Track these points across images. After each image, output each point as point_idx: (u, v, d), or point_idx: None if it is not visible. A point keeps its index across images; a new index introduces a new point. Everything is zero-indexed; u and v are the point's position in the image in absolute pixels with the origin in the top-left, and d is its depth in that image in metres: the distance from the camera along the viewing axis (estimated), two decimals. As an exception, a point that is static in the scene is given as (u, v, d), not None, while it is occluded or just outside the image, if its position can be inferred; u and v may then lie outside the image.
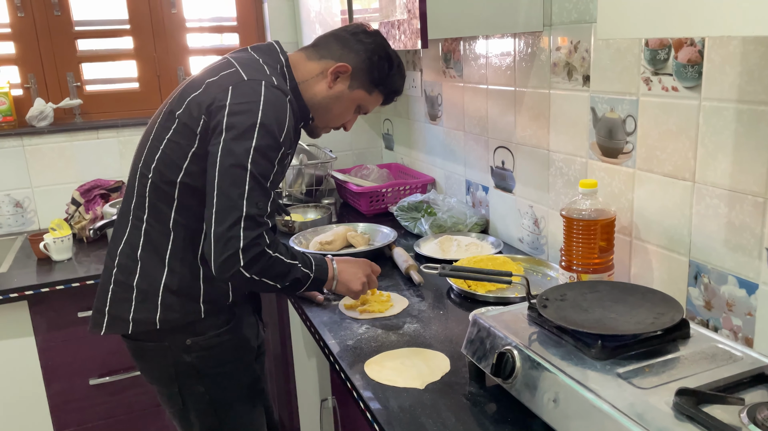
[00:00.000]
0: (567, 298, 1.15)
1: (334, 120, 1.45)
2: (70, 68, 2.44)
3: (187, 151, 1.24)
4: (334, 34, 1.42)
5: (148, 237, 1.29)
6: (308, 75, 1.38)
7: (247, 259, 1.15)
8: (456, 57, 2.06)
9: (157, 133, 1.29)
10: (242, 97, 1.20)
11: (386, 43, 1.42)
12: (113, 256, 1.33)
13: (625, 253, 1.44)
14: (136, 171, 1.32)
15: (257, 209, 1.17)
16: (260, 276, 1.19)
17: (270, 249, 1.20)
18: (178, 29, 2.57)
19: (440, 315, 1.45)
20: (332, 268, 1.36)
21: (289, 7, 2.61)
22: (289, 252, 1.26)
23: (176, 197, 1.26)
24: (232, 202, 1.15)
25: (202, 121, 1.22)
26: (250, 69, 1.26)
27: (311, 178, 2.43)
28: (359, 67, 1.38)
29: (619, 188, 1.43)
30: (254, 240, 1.16)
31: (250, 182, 1.16)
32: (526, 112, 1.74)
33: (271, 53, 1.36)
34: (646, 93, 1.32)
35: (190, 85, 1.29)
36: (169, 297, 1.28)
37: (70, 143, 2.38)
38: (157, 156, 1.27)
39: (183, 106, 1.25)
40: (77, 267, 1.98)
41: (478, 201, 2.08)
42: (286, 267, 1.23)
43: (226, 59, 1.32)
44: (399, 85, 1.45)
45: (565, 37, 1.53)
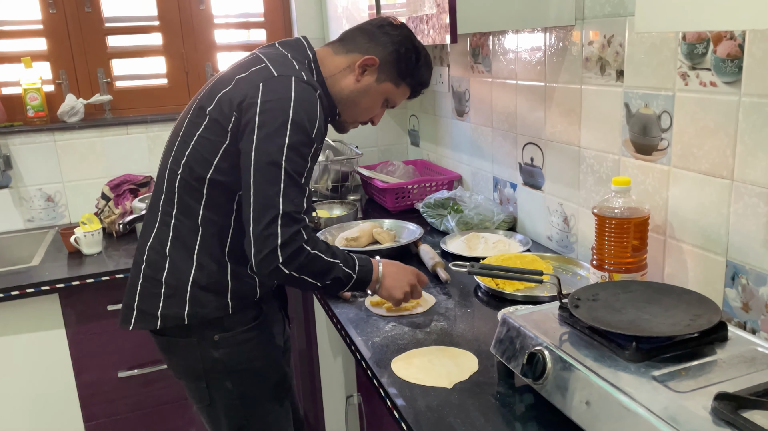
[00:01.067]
0: (599, 298, 1.12)
1: (362, 114, 1.44)
2: (101, 64, 2.47)
3: (218, 148, 1.24)
4: (360, 27, 1.42)
5: (176, 233, 1.30)
6: (335, 69, 1.37)
7: (286, 256, 1.15)
8: (485, 52, 2.04)
9: (188, 129, 1.29)
10: (273, 94, 1.20)
11: (413, 36, 1.41)
12: (142, 251, 1.34)
13: (658, 252, 1.40)
14: (165, 166, 1.33)
15: (293, 206, 1.17)
16: (300, 273, 1.19)
17: (308, 246, 1.19)
18: (206, 25, 2.58)
19: (467, 313, 1.43)
20: (378, 271, 1.34)
21: (316, 3, 2.61)
22: (330, 251, 1.25)
23: (205, 193, 1.27)
24: (268, 199, 1.15)
25: (234, 118, 1.22)
26: (280, 65, 1.26)
27: (337, 174, 2.42)
28: (386, 60, 1.37)
29: (653, 186, 1.40)
30: (292, 236, 1.16)
31: (285, 179, 1.16)
32: (556, 108, 1.71)
33: (298, 48, 1.36)
34: (683, 88, 1.28)
35: (220, 80, 1.29)
36: (197, 293, 1.28)
37: (101, 138, 2.41)
38: (188, 152, 1.27)
39: (213, 102, 1.25)
40: (107, 261, 2.01)
41: (506, 198, 2.05)
42: (326, 265, 1.22)
43: (255, 55, 1.32)
44: (426, 77, 1.44)
45: (598, 31, 1.50)
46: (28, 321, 1.90)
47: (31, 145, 2.33)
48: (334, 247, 1.28)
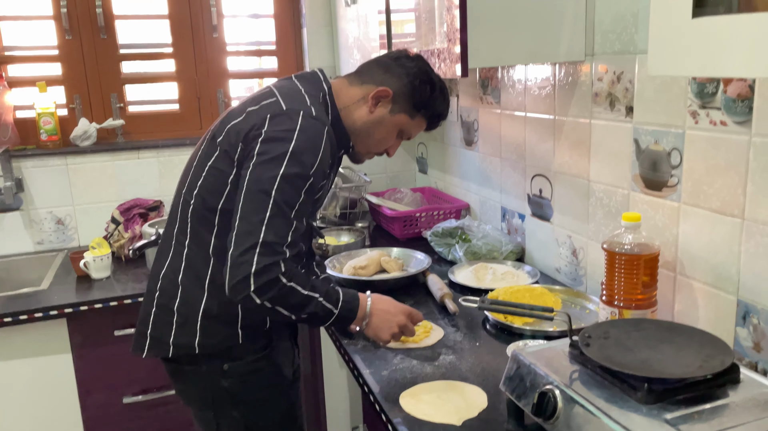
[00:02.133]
0: (610, 336, 1.12)
1: (376, 145, 1.45)
2: (114, 89, 2.51)
3: (227, 178, 1.26)
4: (376, 60, 1.44)
5: (188, 262, 1.30)
6: (350, 101, 1.39)
7: (258, 285, 1.14)
8: (494, 84, 2.06)
9: (201, 160, 1.31)
10: (279, 126, 1.22)
11: (429, 68, 1.42)
12: (156, 279, 1.35)
13: (668, 289, 1.40)
14: (180, 196, 1.34)
15: (276, 237, 1.16)
16: (273, 304, 1.18)
17: (284, 278, 1.17)
18: (219, 53, 2.62)
19: (476, 347, 1.43)
20: (365, 309, 1.32)
21: (327, 33, 2.64)
22: (310, 284, 1.23)
23: (216, 223, 1.28)
24: (251, 226, 1.15)
25: (240, 148, 1.24)
26: (291, 99, 1.28)
27: (345, 200, 2.43)
28: (401, 91, 1.37)
29: (663, 222, 1.40)
30: (268, 267, 1.14)
31: (272, 209, 1.16)
32: (565, 141, 1.72)
33: (314, 82, 1.38)
34: (693, 126, 1.29)
35: (232, 112, 1.32)
36: (207, 322, 1.29)
37: (112, 162, 2.44)
38: (200, 182, 1.29)
39: (223, 134, 1.28)
40: (115, 286, 2.01)
41: (514, 228, 2.05)
42: (302, 298, 1.21)
43: (269, 88, 1.34)
44: (442, 108, 1.44)
45: (608, 67, 1.51)
46: (35, 344, 1.90)
47: (43, 169, 2.36)
48: (318, 281, 1.26)
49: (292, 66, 2.73)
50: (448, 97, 1.46)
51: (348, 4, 2.30)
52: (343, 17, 2.46)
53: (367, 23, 2.17)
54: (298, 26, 2.71)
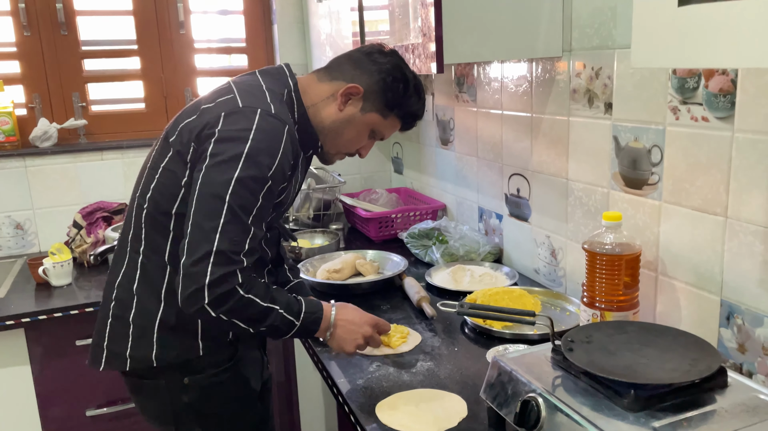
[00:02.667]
0: (593, 340, 1.08)
1: (346, 145, 1.37)
2: (76, 88, 2.40)
3: (180, 181, 1.18)
4: (348, 55, 1.36)
5: (144, 270, 1.23)
6: (317, 98, 1.31)
7: (213, 297, 1.07)
8: (469, 81, 2.01)
9: (154, 161, 1.24)
10: (233, 125, 1.14)
11: (403, 64, 1.34)
12: (111, 289, 1.27)
13: (650, 290, 1.37)
14: (134, 200, 1.27)
15: (231, 244, 1.09)
16: (229, 317, 1.11)
17: (242, 289, 1.10)
18: (187, 50, 2.53)
19: (455, 352, 1.38)
20: (329, 319, 1.24)
21: (299, 29, 2.58)
22: (270, 295, 1.16)
23: (172, 229, 1.20)
24: (204, 234, 1.08)
25: (192, 148, 1.16)
26: (249, 95, 1.20)
27: (319, 202, 2.37)
28: (372, 89, 1.30)
29: (644, 221, 1.37)
30: (223, 277, 1.07)
31: (227, 214, 1.09)
32: (543, 139, 1.68)
33: (279, 77, 1.30)
34: (674, 122, 1.26)
35: (186, 110, 1.24)
36: (165, 334, 1.22)
37: (74, 164, 2.34)
38: (153, 185, 1.21)
39: (176, 133, 1.20)
40: (77, 293, 1.92)
41: (492, 229, 2.01)
42: (261, 310, 1.13)
43: (227, 84, 1.27)
44: (417, 108, 1.36)
45: (586, 63, 1.48)
46: (-9, 356, 1.80)
47: (1, 171, 2.25)
48: (278, 291, 1.19)
49: (262, 63, 2.65)
50: (423, 95, 1.38)
51: (320, 0, 2.24)
52: (314, 14, 2.40)
53: (340, 19, 2.11)
54: (269, 23, 2.64)
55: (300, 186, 1.41)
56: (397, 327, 1.49)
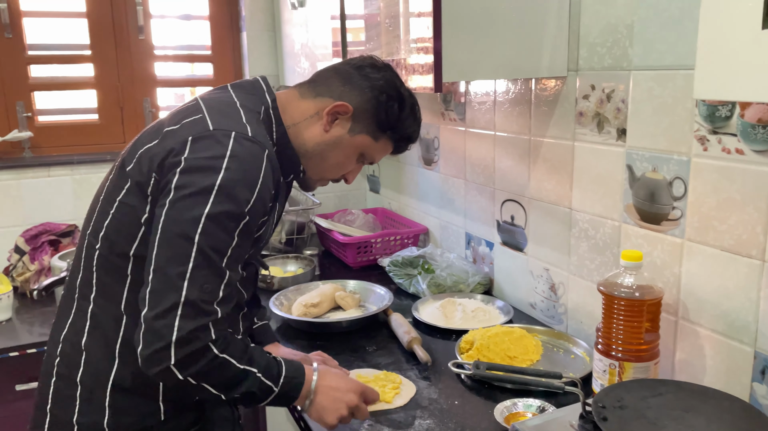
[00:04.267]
0: (626, 404, 0.94)
1: (331, 171, 1.20)
2: (21, 97, 2.17)
3: (140, 217, 1.00)
4: (335, 68, 1.19)
5: (95, 321, 1.04)
6: (300, 117, 1.14)
7: (181, 356, 0.90)
8: (457, 98, 1.88)
9: (108, 193, 1.05)
10: (203, 151, 0.97)
11: (398, 80, 1.19)
12: (56, 343, 1.07)
13: (669, 335, 1.24)
14: (83, 238, 1.07)
15: (202, 293, 0.92)
16: (198, 380, 0.93)
17: (216, 347, 0.93)
18: (146, 57, 2.32)
19: (456, 406, 1.22)
20: (309, 385, 1.06)
21: (270, 38, 2.40)
22: (248, 355, 0.99)
23: (129, 273, 1.02)
24: (169, 282, 0.91)
25: (153, 179, 0.98)
26: (220, 116, 1.03)
27: (292, 225, 2.19)
28: (362, 108, 1.14)
29: (662, 259, 1.24)
30: (193, 332, 0.91)
31: (196, 258, 0.92)
32: (543, 164, 1.55)
33: (254, 92, 1.13)
34: (701, 154, 1.14)
35: (146, 133, 1.06)
36: (119, 397, 1.03)
37: (17, 181, 2.10)
38: (107, 222, 1.03)
39: (134, 161, 1.02)
40: (18, 330, 1.70)
41: (480, 257, 1.88)
42: (236, 373, 0.96)
43: (195, 101, 1.09)
44: (412, 130, 1.21)
45: (595, 85, 1.35)
46: None
47: (-69, 188, 2.00)
48: (256, 350, 1.02)
49: (229, 73, 2.46)
50: (419, 116, 1.23)
51: (295, 6, 2.07)
52: (288, 21, 2.23)
53: (317, 28, 1.95)
54: (237, 29, 2.45)
55: (280, 216, 1.24)
56: (388, 375, 1.33)
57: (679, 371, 1.23)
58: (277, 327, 1.64)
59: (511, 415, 1.16)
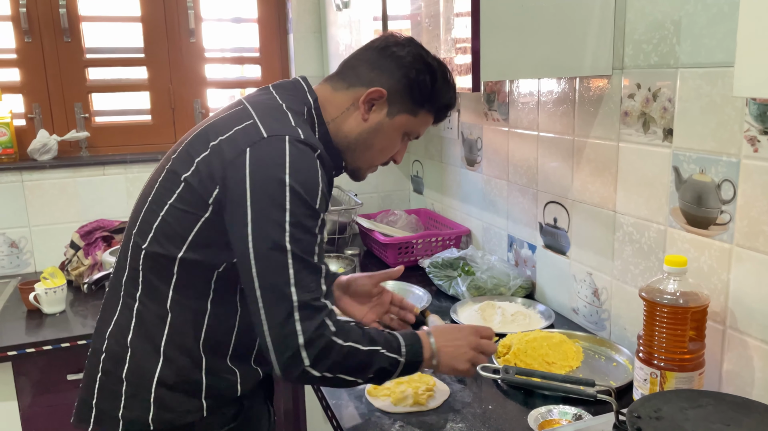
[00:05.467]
0: (664, 416, 0.91)
1: (378, 156, 1.20)
2: (79, 98, 2.26)
3: (194, 221, 1.02)
4: (359, 56, 1.18)
5: (140, 320, 1.07)
6: (337, 111, 1.15)
7: (312, 356, 0.95)
8: (501, 98, 1.85)
9: (158, 195, 1.07)
10: (263, 161, 0.98)
11: (424, 51, 1.16)
12: (101, 339, 1.10)
13: (716, 344, 1.19)
14: (129, 238, 1.10)
15: (310, 293, 0.95)
16: (334, 373, 0.98)
17: (339, 338, 0.97)
18: (197, 60, 2.39)
19: (489, 410, 1.20)
20: (430, 346, 1.11)
21: (316, 39, 2.43)
22: (367, 336, 1.03)
23: (176, 272, 1.04)
24: (278, 292, 0.94)
25: (217, 190, 1.00)
26: (271, 120, 1.04)
27: (334, 225, 2.21)
28: (395, 89, 1.13)
29: (710, 265, 1.19)
30: (316, 331, 0.95)
31: (294, 264, 0.95)
32: (586, 165, 1.51)
33: (296, 93, 1.13)
34: (751, 155, 1.08)
35: (198, 138, 1.07)
36: (164, 393, 1.05)
37: (74, 179, 2.19)
38: (156, 223, 1.05)
39: (192, 169, 1.03)
40: (70, 322, 1.77)
41: (523, 260, 1.84)
42: (365, 356, 1.01)
43: (242, 106, 1.09)
44: (449, 97, 1.19)
45: (641, 83, 1.31)
46: (-25, 391, 1.65)
47: (-4, 185, 2.11)
48: (371, 330, 1.05)
49: (276, 75, 2.50)
50: (453, 81, 1.21)
51: (339, 8, 2.09)
52: (333, 23, 2.24)
53: (360, 30, 1.95)
54: (284, 32, 2.49)
55: None
56: (422, 377, 1.32)
57: (726, 382, 1.18)
58: (315, 325, 1.65)
59: (545, 422, 1.13)
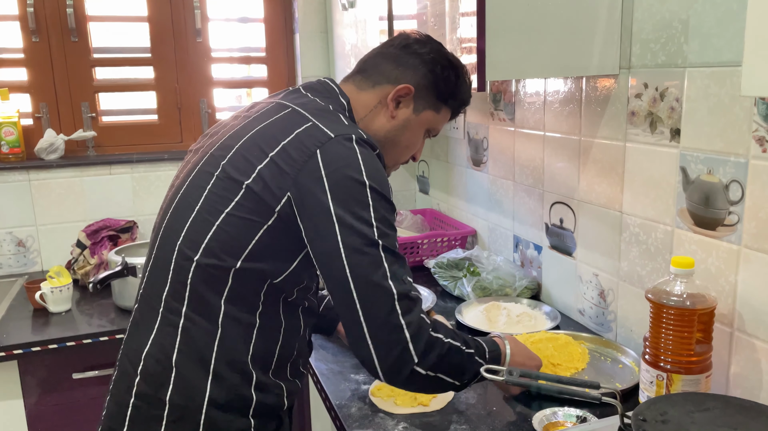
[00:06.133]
0: (670, 420, 0.90)
1: (404, 153, 1.21)
2: (86, 98, 2.27)
3: (256, 230, 0.97)
4: (380, 53, 1.18)
5: (186, 337, 1.00)
6: (365, 110, 1.15)
7: (420, 350, 0.94)
8: (507, 98, 1.84)
9: (211, 203, 1.00)
10: (338, 162, 0.97)
11: (444, 49, 1.18)
12: (134, 359, 1.03)
13: (723, 347, 1.18)
14: (169, 249, 1.02)
15: (405, 284, 0.95)
16: (435, 372, 0.96)
17: (439, 334, 0.97)
18: (203, 59, 2.39)
19: (494, 412, 1.20)
20: (504, 351, 1.13)
21: (322, 39, 2.43)
22: (460, 337, 1.03)
23: (230, 284, 0.99)
24: (377, 287, 0.93)
25: (286, 197, 0.97)
26: (329, 121, 1.02)
27: (339, 224, 2.20)
28: (422, 85, 1.14)
29: (718, 267, 1.18)
30: (419, 323, 0.94)
31: (387, 258, 0.95)
32: (592, 166, 1.50)
33: (332, 95, 1.12)
34: (760, 155, 1.07)
35: (254, 144, 1.01)
36: (215, 414, 1.00)
37: (80, 178, 2.20)
38: (211, 233, 0.99)
39: (254, 175, 0.98)
40: (76, 321, 1.77)
41: (528, 260, 1.83)
42: (463, 357, 1.00)
43: (290, 108, 1.06)
44: (468, 94, 1.22)
45: (648, 83, 1.30)
46: (-19, 389, 1.66)
47: (3, 184, 2.12)
48: (455, 330, 1.05)
49: (283, 75, 2.51)
50: (470, 78, 1.23)
51: (345, 8, 2.09)
52: (339, 23, 2.24)
53: (366, 29, 1.95)
54: (290, 31, 2.49)
55: None
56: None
57: (733, 385, 1.17)
58: (320, 325, 1.65)
59: (550, 424, 1.12)
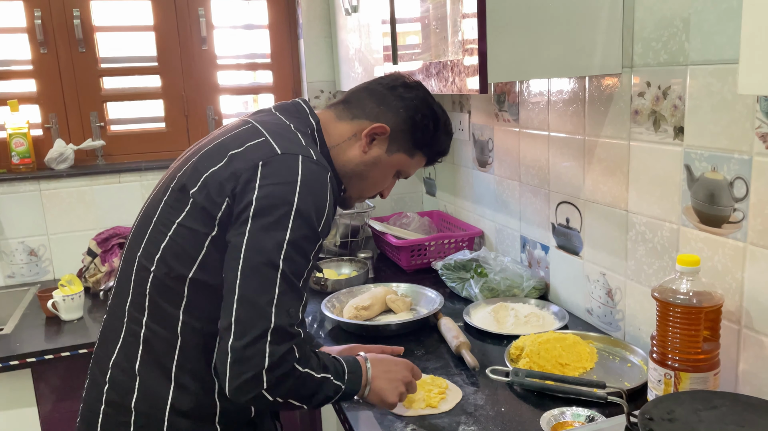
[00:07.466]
0: (677, 418, 0.90)
1: (369, 189, 1.25)
2: (94, 107, 2.30)
3: (203, 240, 1.01)
4: (367, 88, 1.22)
5: (148, 346, 1.04)
6: (339, 139, 1.17)
7: (273, 380, 0.93)
8: (511, 99, 1.84)
9: (164, 215, 1.05)
10: (275, 177, 0.98)
11: (430, 98, 1.22)
12: (103, 368, 1.07)
13: (731, 344, 1.17)
14: (132, 261, 1.06)
15: (288, 318, 0.95)
16: (285, 398, 0.97)
17: (300, 365, 0.97)
18: (209, 66, 2.41)
19: (502, 413, 1.20)
20: (366, 374, 1.10)
21: (327, 44, 2.44)
22: (321, 363, 1.02)
23: (186, 295, 1.02)
24: (258, 310, 0.93)
25: (225, 205, 0.99)
26: (283, 139, 1.05)
27: (346, 228, 2.22)
28: (399, 128, 1.18)
29: (724, 264, 1.18)
30: (283, 357, 0.94)
31: (281, 285, 0.94)
32: (597, 165, 1.50)
33: (300, 115, 1.15)
34: (763, 152, 1.07)
35: (207, 155, 1.06)
36: (178, 421, 1.03)
37: (90, 187, 2.22)
38: (164, 244, 1.03)
39: (199, 183, 1.02)
40: (89, 328, 1.79)
41: (536, 261, 1.83)
42: (317, 383, 1.00)
43: (250, 124, 1.10)
44: (446, 146, 1.27)
45: (651, 81, 1.30)
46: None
47: (15, 195, 2.14)
48: (323, 355, 1.05)
49: (288, 80, 2.52)
50: (451, 131, 1.28)
51: (348, 12, 2.10)
52: (343, 27, 2.25)
53: (370, 33, 1.96)
54: (295, 37, 2.51)
55: None
56: (434, 380, 1.32)
57: (742, 383, 1.16)
58: (329, 329, 1.66)
59: (558, 424, 1.12)
